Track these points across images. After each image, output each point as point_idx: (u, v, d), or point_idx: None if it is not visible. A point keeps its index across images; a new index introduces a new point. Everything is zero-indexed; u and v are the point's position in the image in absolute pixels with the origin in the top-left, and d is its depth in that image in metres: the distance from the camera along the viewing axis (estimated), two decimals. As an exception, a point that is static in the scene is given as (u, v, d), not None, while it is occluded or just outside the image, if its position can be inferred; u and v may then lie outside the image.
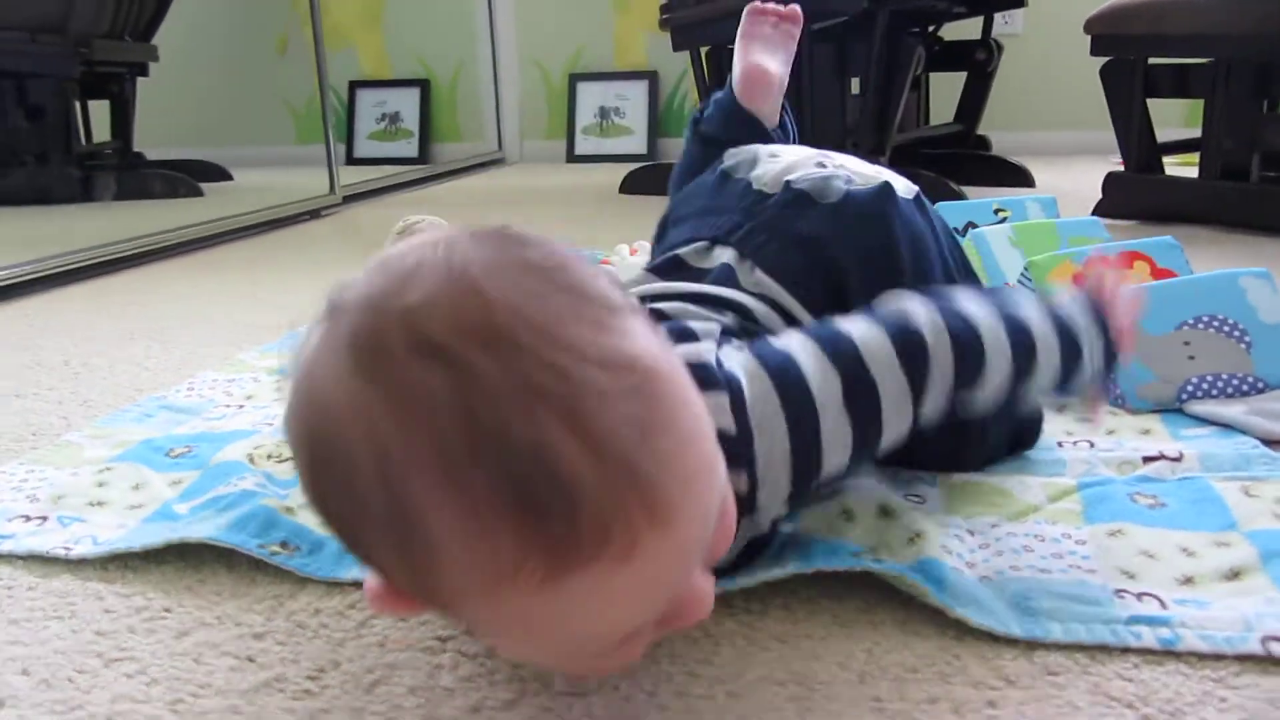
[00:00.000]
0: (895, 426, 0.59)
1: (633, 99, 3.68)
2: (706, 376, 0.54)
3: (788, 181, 0.74)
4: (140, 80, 3.30)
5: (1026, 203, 1.43)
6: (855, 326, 0.60)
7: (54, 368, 1.19)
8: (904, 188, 0.75)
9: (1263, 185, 1.84)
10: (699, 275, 0.72)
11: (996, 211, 1.41)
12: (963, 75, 2.70)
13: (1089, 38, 1.95)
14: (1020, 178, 2.59)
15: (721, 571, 0.59)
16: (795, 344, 0.59)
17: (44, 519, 0.74)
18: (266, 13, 3.72)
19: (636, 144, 3.67)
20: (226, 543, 0.66)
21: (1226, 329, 0.92)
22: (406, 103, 3.87)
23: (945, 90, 2.75)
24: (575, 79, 3.73)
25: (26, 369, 1.19)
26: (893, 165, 2.29)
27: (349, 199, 2.68)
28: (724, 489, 0.46)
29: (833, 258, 0.70)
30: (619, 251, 1.50)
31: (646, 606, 0.43)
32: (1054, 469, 0.78)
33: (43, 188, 2.82)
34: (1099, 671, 0.53)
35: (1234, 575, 0.61)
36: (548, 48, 3.76)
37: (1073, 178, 2.69)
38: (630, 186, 2.74)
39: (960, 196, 2.07)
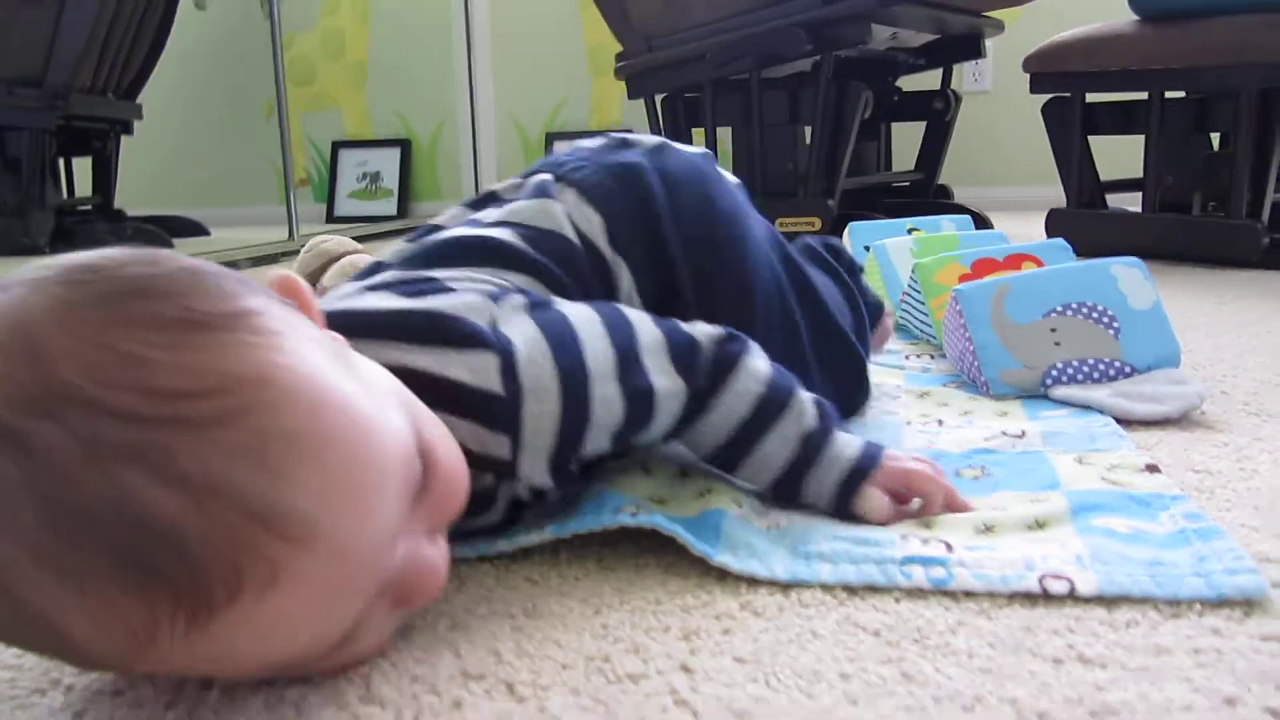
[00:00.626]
0: (663, 417, 0.58)
1: (609, 157, 3.72)
2: (467, 335, 0.52)
3: (606, 131, 0.72)
4: (127, 139, 3.36)
5: (941, 222, 1.42)
6: (636, 314, 0.60)
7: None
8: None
9: (1203, 217, 1.83)
10: (509, 200, 0.68)
11: (910, 231, 1.39)
12: (923, 126, 2.72)
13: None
14: (981, 224, 2.58)
15: (480, 534, 0.57)
16: (575, 311, 0.57)
17: None
18: (255, 76, 3.79)
19: (612, 201, 3.69)
20: None
21: (1095, 315, 0.89)
22: (387, 162, 3.92)
23: (911, 140, 2.76)
24: (552, 137, 3.77)
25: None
26: (850, 210, 2.28)
27: (310, 246, 2.69)
28: (434, 447, 0.44)
29: (648, 186, 0.68)
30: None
31: (332, 616, 0.39)
32: (889, 444, 0.75)
33: (16, 238, 2.84)
34: (855, 605, 0.50)
35: (1038, 525, 0.58)
36: (526, 107, 3.81)
37: (1031, 225, 2.69)
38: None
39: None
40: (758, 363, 0.61)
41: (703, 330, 0.60)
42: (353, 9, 3.90)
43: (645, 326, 0.58)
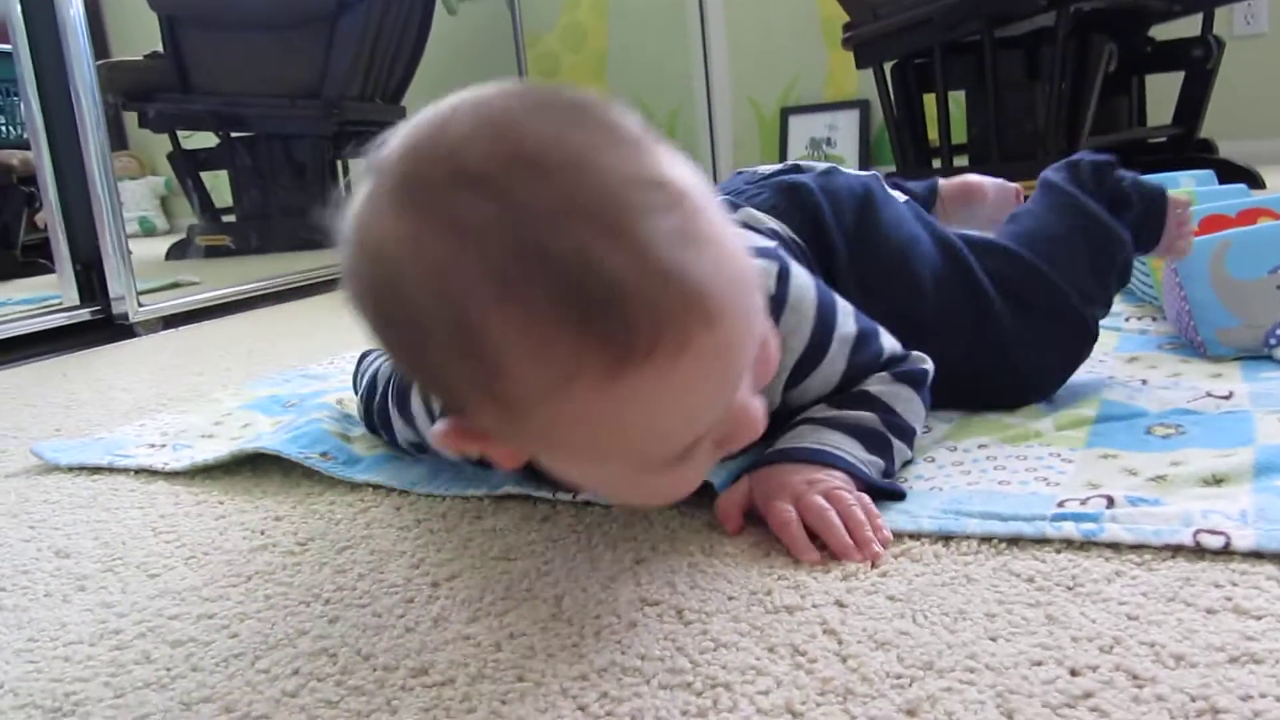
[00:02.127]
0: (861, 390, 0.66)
1: (843, 128, 3.68)
2: (761, 250, 0.63)
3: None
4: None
5: (1180, 178, 1.35)
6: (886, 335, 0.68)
7: (238, 355, 1.38)
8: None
9: None
10: None
11: (1144, 188, 1.33)
12: (1181, 76, 2.54)
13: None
14: (1248, 179, 2.39)
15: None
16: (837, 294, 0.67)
17: (163, 446, 0.87)
18: (502, 74, 4.03)
19: (848, 173, 3.67)
20: (272, 449, 0.76)
21: (1329, 270, 0.84)
22: (627, 147, 4.06)
23: (1170, 92, 2.58)
24: (787, 112, 3.78)
25: (219, 357, 1.38)
26: None
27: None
28: (764, 320, 0.49)
29: (816, 200, 0.77)
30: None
31: (703, 409, 0.45)
32: (1084, 402, 0.75)
33: (304, 236, 3.18)
34: (1014, 554, 0.53)
35: (1215, 481, 0.58)
36: (760, 84, 3.84)
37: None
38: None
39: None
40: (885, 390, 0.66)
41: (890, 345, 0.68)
42: (593, 4, 4.06)
43: (881, 330, 0.68)
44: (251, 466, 0.79)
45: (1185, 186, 1.33)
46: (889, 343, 0.67)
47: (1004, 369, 0.75)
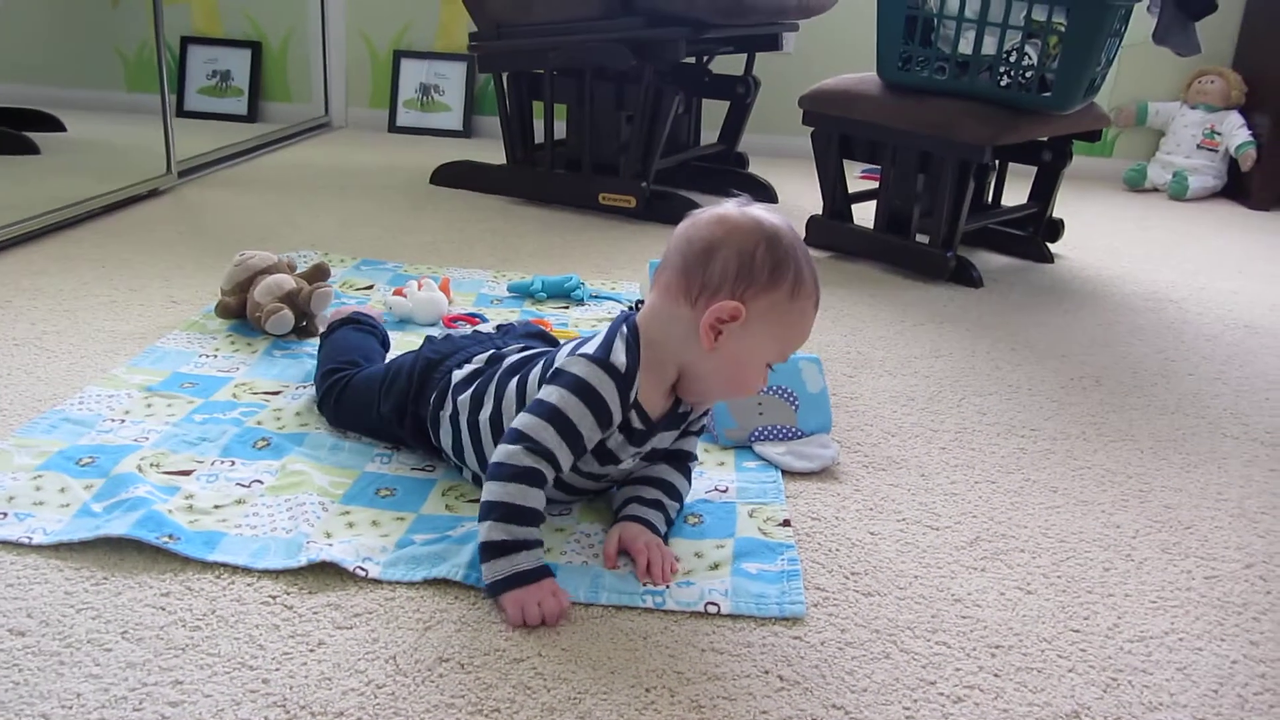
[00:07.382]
0: None
1: (451, 78, 4.04)
2: None
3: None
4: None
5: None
6: None
7: (-38, 373, 1.56)
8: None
9: (912, 244, 2.43)
10: None
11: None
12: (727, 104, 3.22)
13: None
14: (766, 193, 3.15)
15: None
16: None
17: (4, 515, 1.15)
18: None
19: (453, 120, 4.05)
20: (138, 536, 1.10)
21: (784, 395, 1.46)
22: (237, 62, 4.10)
23: (719, 111, 3.26)
24: (399, 55, 4.05)
25: (-61, 373, 1.55)
26: (664, 181, 2.84)
27: (184, 173, 2.97)
28: None
29: None
30: (409, 288, 1.93)
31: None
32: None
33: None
34: (619, 616, 1.05)
35: (715, 567, 1.14)
36: (375, 22, 4.06)
37: (810, 198, 3.26)
38: (439, 179, 3.13)
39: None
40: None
41: None
42: (203, -89, 3.99)
43: None
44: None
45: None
46: None
47: None
